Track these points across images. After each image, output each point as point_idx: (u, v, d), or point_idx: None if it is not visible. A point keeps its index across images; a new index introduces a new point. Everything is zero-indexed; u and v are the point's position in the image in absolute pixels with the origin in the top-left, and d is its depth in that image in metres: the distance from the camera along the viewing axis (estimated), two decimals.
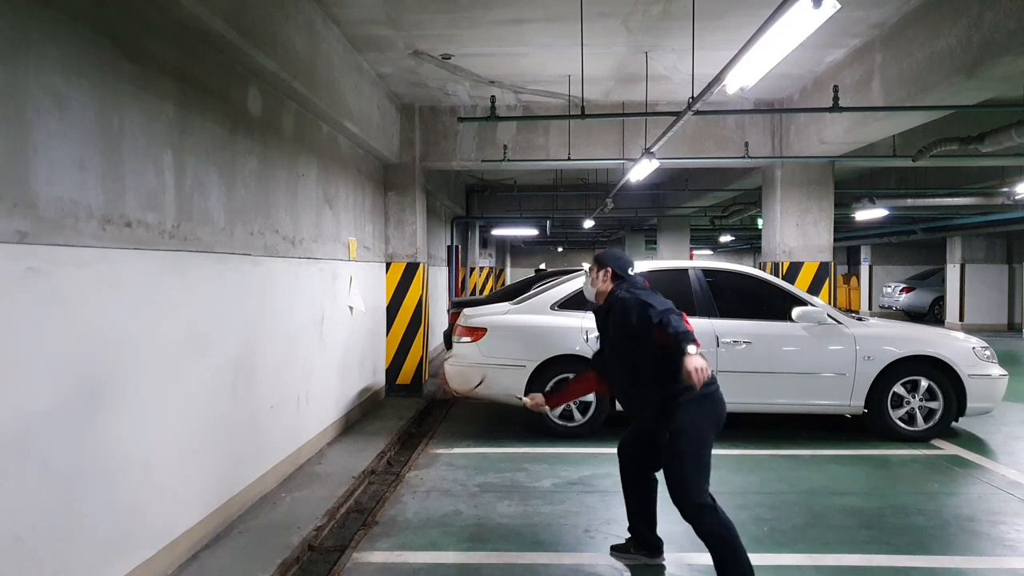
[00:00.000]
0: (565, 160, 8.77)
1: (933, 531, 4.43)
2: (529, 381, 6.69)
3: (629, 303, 3.63)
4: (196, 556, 3.86)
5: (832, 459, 6.04)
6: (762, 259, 9.45)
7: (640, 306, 3.55)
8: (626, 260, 3.95)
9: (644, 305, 3.53)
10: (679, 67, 7.21)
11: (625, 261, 3.94)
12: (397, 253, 8.87)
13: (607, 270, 3.88)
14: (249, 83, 4.68)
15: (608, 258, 3.96)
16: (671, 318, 3.41)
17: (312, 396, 5.90)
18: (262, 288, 4.85)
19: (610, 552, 4.05)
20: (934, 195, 13.16)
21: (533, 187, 16.69)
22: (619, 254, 4.01)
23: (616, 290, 3.80)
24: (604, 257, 3.98)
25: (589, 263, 4.06)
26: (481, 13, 5.78)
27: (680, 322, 3.41)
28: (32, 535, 2.69)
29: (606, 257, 3.98)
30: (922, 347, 6.60)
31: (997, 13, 4.67)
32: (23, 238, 2.63)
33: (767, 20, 3.73)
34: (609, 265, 3.89)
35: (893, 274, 23.65)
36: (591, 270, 3.97)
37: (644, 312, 3.50)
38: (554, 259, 34.46)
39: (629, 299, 3.65)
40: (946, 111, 6.39)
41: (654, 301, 3.55)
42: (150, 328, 3.47)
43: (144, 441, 3.44)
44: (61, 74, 2.86)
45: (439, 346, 12.57)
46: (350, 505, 4.99)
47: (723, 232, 22.74)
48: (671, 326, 3.37)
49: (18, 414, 2.63)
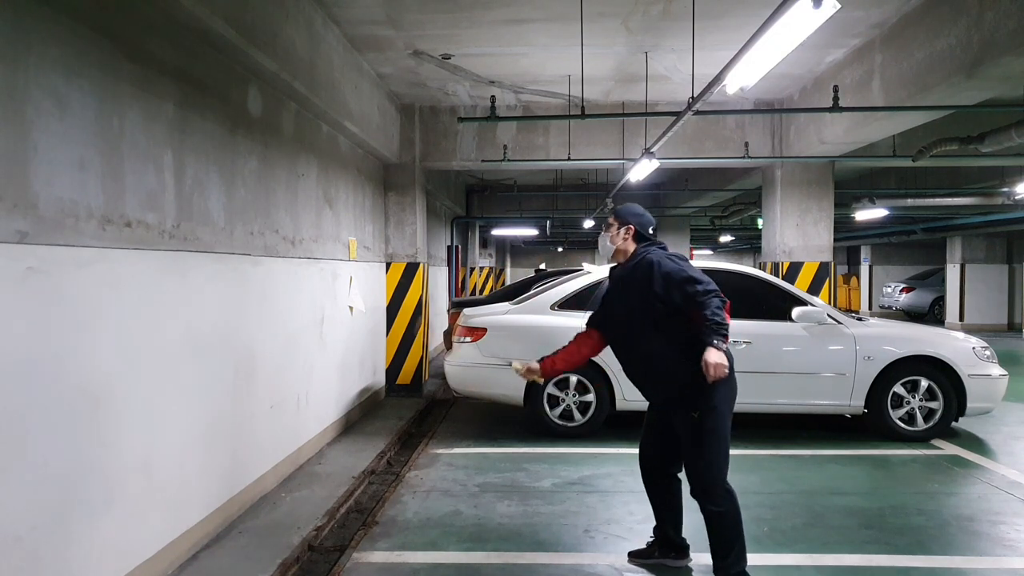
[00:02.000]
0: (565, 160, 8.77)
1: (933, 531, 4.43)
2: (529, 381, 6.69)
3: (670, 272, 3.36)
4: (196, 556, 3.86)
5: (832, 459, 6.04)
6: (762, 259, 9.45)
7: (684, 280, 3.32)
8: (648, 218, 3.66)
9: (689, 280, 3.31)
10: (679, 67, 7.21)
11: (647, 219, 3.65)
12: (397, 253, 8.87)
13: (628, 227, 3.59)
14: (249, 83, 4.68)
15: (628, 214, 3.63)
16: (713, 302, 3.24)
17: (312, 396, 5.90)
18: (262, 288, 4.85)
19: (629, 559, 3.89)
20: (934, 195, 13.16)
21: (533, 187, 16.69)
22: (640, 210, 3.68)
23: (646, 252, 3.51)
24: (624, 212, 3.65)
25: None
26: (481, 13, 5.78)
27: (721, 311, 3.25)
28: (32, 535, 2.69)
29: (626, 213, 3.65)
30: (922, 347, 6.60)
31: (997, 13, 4.67)
32: (23, 238, 2.63)
33: (767, 20, 3.73)
34: (631, 222, 3.59)
35: (893, 274, 23.64)
36: (607, 226, 3.68)
37: (688, 287, 3.30)
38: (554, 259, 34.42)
39: (670, 267, 3.38)
40: (946, 111, 6.39)
41: (699, 275, 3.33)
42: (150, 328, 3.47)
43: (144, 441, 3.44)
44: (61, 74, 2.86)
45: (439, 346, 12.57)
46: (350, 505, 4.99)
47: (723, 232, 22.74)
48: (711, 310, 3.22)
49: (18, 414, 2.63)
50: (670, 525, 3.81)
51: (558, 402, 6.75)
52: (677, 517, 3.81)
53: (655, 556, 3.86)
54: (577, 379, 6.71)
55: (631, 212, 3.67)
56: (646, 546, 3.91)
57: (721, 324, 3.24)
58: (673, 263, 3.43)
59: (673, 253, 3.53)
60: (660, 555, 3.85)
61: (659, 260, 3.44)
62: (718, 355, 3.21)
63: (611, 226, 3.67)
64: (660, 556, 3.85)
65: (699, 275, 3.36)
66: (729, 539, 3.44)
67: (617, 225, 3.64)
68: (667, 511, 3.80)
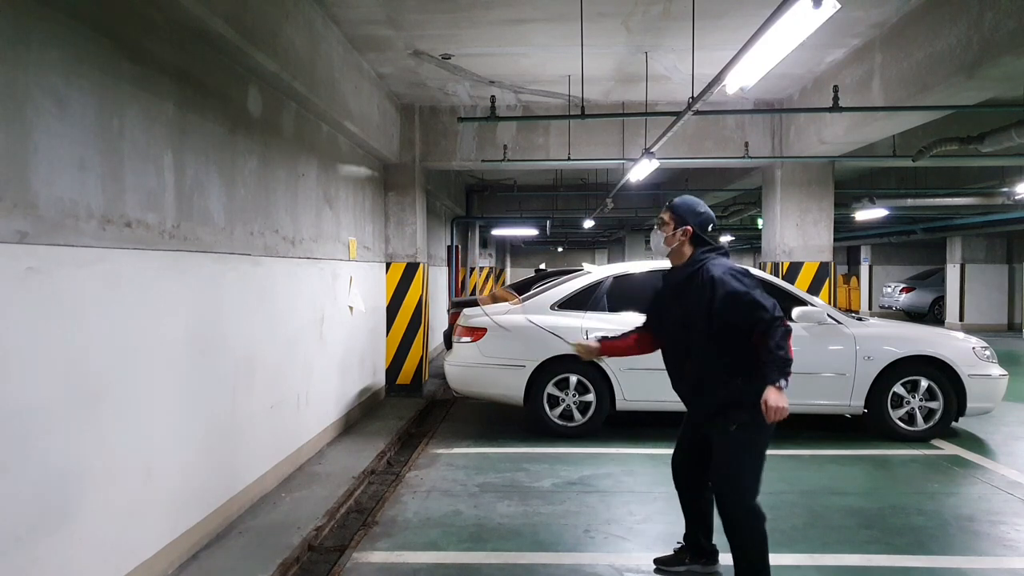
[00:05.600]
0: (565, 160, 8.77)
1: (933, 531, 4.43)
2: (529, 381, 6.71)
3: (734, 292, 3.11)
4: (196, 556, 3.86)
5: (832, 459, 6.04)
6: (762, 259, 9.45)
7: (750, 305, 3.09)
8: (707, 216, 3.32)
9: (755, 305, 3.08)
10: (679, 67, 7.21)
11: (707, 217, 3.31)
12: (397, 253, 8.87)
13: (686, 228, 3.28)
14: (249, 83, 4.68)
15: (686, 212, 3.29)
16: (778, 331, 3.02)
17: (312, 396, 5.90)
18: (262, 288, 4.85)
19: (656, 568, 3.76)
20: (934, 195, 13.15)
21: (533, 187, 16.69)
22: (699, 206, 3.34)
23: (705, 261, 3.25)
24: (682, 210, 3.30)
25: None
26: (481, 13, 5.78)
27: (786, 342, 3.03)
28: (32, 535, 2.70)
29: (684, 210, 3.30)
30: (922, 347, 6.60)
31: (997, 13, 4.67)
32: (23, 238, 2.63)
33: (767, 20, 3.73)
34: (689, 222, 3.27)
35: (893, 274, 23.64)
36: (661, 225, 3.36)
37: (753, 313, 3.08)
38: (554, 259, 34.47)
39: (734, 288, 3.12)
40: (946, 111, 6.39)
41: (764, 300, 3.09)
42: (150, 328, 3.47)
43: (144, 441, 3.44)
44: (61, 74, 2.86)
45: (439, 346, 12.57)
46: (350, 505, 4.99)
47: (723, 232, 22.72)
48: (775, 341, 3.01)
49: (18, 414, 2.63)
50: (701, 532, 3.71)
51: (558, 402, 6.75)
52: (708, 523, 3.70)
53: (685, 563, 3.73)
54: (577, 379, 6.70)
55: (690, 210, 3.32)
56: (674, 552, 3.80)
57: (786, 361, 3.01)
58: (738, 282, 3.16)
59: (734, 268, 3.23)
60: (690, 561, 3.72)
61: (721, 277, 3.17)
62: (779, 397, 3.00)
63: (666, 224, 3.36)
64: (690, 563, 3.72)
65: (764, 299, 3.12)
66: (752, 562, 3.27)
67: (673, 225, 3.32)
68: (698, 518, 3.70)
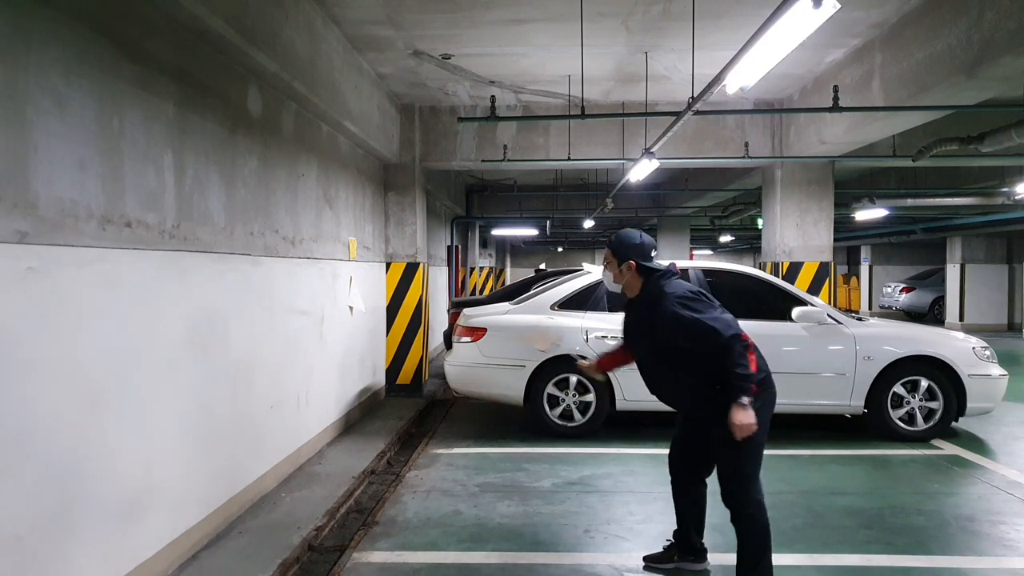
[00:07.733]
0: (565, 160, 8.77)
1: (933, 531, 4.43)
2: (529, 381, 6.71)
3: (683, 320, 3.17)
4: (196, 556, 3.86)
5: (832, 459, 6.04)
6: (762, 259, 9.45)
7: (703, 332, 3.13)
8: (646, 244, 3.41)
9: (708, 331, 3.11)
10: (679, 67, 7.21)
11: (646, 245, 3.40)
12: (397, 253, 8.87)
13: (628, 263, 3.38)
14: (249, 83, 4.68)
15: (626, 248, 3.40)
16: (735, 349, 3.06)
17: (312, 396, 5.90)
18: (262, 288, 4.85)
19: (644, 565, 3.79)
20: (934, 195, 13.16)
21: (533, 187, 16.69)
22: (635, 238, 3.43)
23: (655, 289, 3.31)
24: (620, 247, 3.42)
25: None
26: (481, 13, 5.78)
27: (745, 357, 3.07)
28: (32, 535, 2.69)
29: (622, 247, 3.41)
30: (922, 347, 6.60)
31: (997, 13, 4.67)
32: (23, 238, 2.63)
33: (767, 20, 3.73)
34: (631, 256, 3.37)
35: (893, 274, 23.66)
36: (607, 264, 3.49)
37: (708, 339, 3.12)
38: (554, 259, 34.44)
39: (685, 317, 3.16)
40: (946, 111, 6.39)
41: (714, 320, 3.14)
42: (150, 328, 3.47)
43: (144, 441, 3.44)
44: (61, 74, 2.86)
45: (439, 346, 12.57)
46: (350, 505, 4.99)
47: (723, 232, 22.74)
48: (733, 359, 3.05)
49: (18, 414, 2.63)
50: (693, 528, 3.74)
51: (558, 402, 6.75)
52: (700, 520, 3.75)
53: (674, 560, 3.75)
54: (577, 379, 6.71)
55: (627, 244, 3.43)
56: (663, 550, 3.83)
57: (746, 377, 3.04)
58: (688, 310, 3.19)
59: (684, 294, 3.25)
60: (680, 559, 3.75)
61: (673, 311, 3.21)
62: (743, 415, 3.03)
63: (610, 263, 3.48)
64: (679, 560, 3.74)
65: (716, 322, 3.15)
66: (755, 553, 3.32)
67: (616, 262, 3.43)
68: (692, 515, 3.73)
